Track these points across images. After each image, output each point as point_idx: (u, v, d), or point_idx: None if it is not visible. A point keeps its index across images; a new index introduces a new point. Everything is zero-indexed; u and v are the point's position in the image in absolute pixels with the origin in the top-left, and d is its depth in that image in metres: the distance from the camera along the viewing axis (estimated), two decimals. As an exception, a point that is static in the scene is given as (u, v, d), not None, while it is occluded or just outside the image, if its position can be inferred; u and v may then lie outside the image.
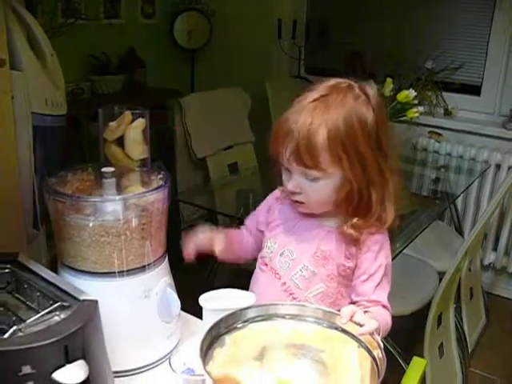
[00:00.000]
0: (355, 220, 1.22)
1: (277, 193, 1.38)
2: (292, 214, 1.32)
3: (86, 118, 3.25)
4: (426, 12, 3.51)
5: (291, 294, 1.26)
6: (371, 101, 1.18)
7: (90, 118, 3.22)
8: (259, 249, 1.38)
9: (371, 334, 0.97)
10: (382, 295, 1.24)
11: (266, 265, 1.32)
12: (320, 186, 1.18)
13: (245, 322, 1.01)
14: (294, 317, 1.03)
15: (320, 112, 1.14)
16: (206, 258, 1.32)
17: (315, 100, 1.16)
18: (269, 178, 2.99)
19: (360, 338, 0.96)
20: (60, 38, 2.80)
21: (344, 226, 1.22)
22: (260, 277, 1.34)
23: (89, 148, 3.26)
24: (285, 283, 1.28)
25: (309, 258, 1.26)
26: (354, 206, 1.21)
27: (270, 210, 1.37)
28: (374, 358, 0.92)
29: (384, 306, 1.23)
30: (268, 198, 1.42)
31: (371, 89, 1.21)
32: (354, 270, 1.25)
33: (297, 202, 1.24)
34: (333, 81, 1.21)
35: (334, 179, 1.17)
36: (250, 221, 1.44)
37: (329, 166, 1.15)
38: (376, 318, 1.05)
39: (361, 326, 0.99)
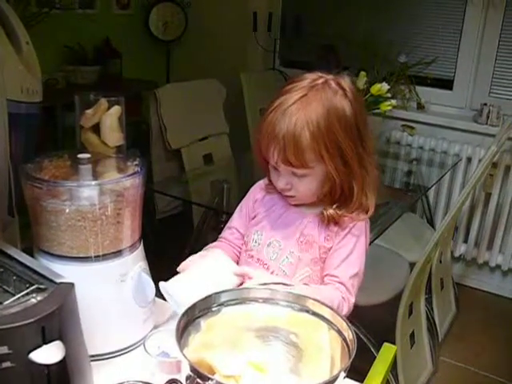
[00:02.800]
0: (335, 206, 1.28)
1: (261, 184, 1.43)
2: (277, 203, 1.37)
3: (61, 108, 3.23)
4: (400, 6, 3.55)
5: None
6: (348, 94, 1.23)
7: (65, 108, 3.20)
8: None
9: None
10: (344, 273, 1.27)
11: (252, 257, 1.36)
12: (308, 181, 1.25)
13: (219, 305, 1.03)
14: (266, 300, 1.05)
15: (302, 114, 1.19)
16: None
17: (295, 102, 1.20)
18: (243, 169, 3.02)
19: (331, 320, 0.99)
20: (34, 27, 2.77)
21: (324, 211, 1.29)
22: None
23: (63, 138, 3.24)
24: (273, 272, 1.32)
25: (293, 245, 1.31)
26: (337, 197, 1.28)
27: (256, 201, 1.42)
28: (344, 340, 0.94)
29: (341, 283, 1.27)
30: (251, 191, 1.45)
31: (346, 82, 1.25)
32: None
33: (287, 196, 1.30)
34: (309, 78, 1.24)
35: (319, 174, 1.23)
36: (237, 222, 1.45)
37: (314, 163, 1.21)
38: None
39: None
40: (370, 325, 2.22)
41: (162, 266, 1.34)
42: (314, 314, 1.02)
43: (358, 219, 1.29)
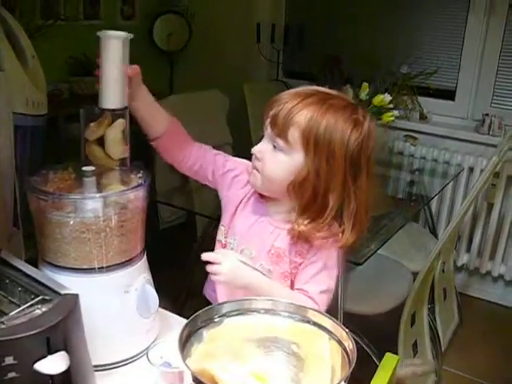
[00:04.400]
0: (306, 221, 1.24)
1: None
2: (254, 211, 1.35)
3: (64, 119, 3.24)
4: (402, 17, 3.57)
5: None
6: (364, 127, 1.22)
7: (68, 118, 3.21)
8: (199, 171, 1.49)
9: None
10: (314, 288, 1.26)
11: None
12: (279, 159, 1.23)
13: (221, 316, 1.04)
14: (267, 311, 1.06)
15: (313, 106, 1.19)
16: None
17: (316, 94, 1.22)
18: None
19: (331, 330, 1.00)
20: (39, 38, 2.79)
21: (295, 224, 1.25)
22: None
23: (66, 148, 3.25)
24: None
25: (264, 256, 1.30)
26: (305, 203, 1.24)
27: (238, 176, 1.40)
28: (344, 349, 0.95)
29: (310, 298, 1.25)
30: (246, 162, 1.40)
31: (370, 119, 1.24)
32: None
33: (254, 168, 1.28)
34: (345, 97, 1.26)
35: (294, 160, 1.21)
36: (217, 155, 1.50)
37: (296, 143, 1.20)
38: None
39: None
40: (373, 334, 2.23)
41: (166, 277, 1.35)
42: (315, 324, 1.03)
43: (329, 247, 1.26)
